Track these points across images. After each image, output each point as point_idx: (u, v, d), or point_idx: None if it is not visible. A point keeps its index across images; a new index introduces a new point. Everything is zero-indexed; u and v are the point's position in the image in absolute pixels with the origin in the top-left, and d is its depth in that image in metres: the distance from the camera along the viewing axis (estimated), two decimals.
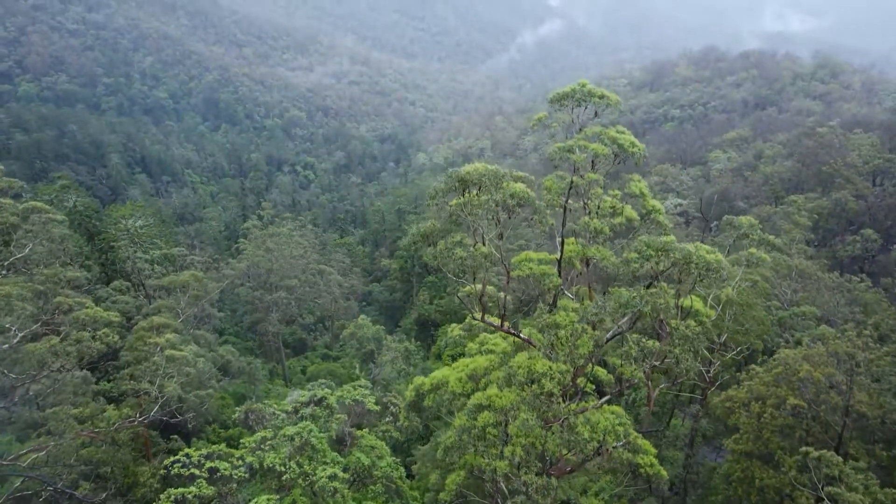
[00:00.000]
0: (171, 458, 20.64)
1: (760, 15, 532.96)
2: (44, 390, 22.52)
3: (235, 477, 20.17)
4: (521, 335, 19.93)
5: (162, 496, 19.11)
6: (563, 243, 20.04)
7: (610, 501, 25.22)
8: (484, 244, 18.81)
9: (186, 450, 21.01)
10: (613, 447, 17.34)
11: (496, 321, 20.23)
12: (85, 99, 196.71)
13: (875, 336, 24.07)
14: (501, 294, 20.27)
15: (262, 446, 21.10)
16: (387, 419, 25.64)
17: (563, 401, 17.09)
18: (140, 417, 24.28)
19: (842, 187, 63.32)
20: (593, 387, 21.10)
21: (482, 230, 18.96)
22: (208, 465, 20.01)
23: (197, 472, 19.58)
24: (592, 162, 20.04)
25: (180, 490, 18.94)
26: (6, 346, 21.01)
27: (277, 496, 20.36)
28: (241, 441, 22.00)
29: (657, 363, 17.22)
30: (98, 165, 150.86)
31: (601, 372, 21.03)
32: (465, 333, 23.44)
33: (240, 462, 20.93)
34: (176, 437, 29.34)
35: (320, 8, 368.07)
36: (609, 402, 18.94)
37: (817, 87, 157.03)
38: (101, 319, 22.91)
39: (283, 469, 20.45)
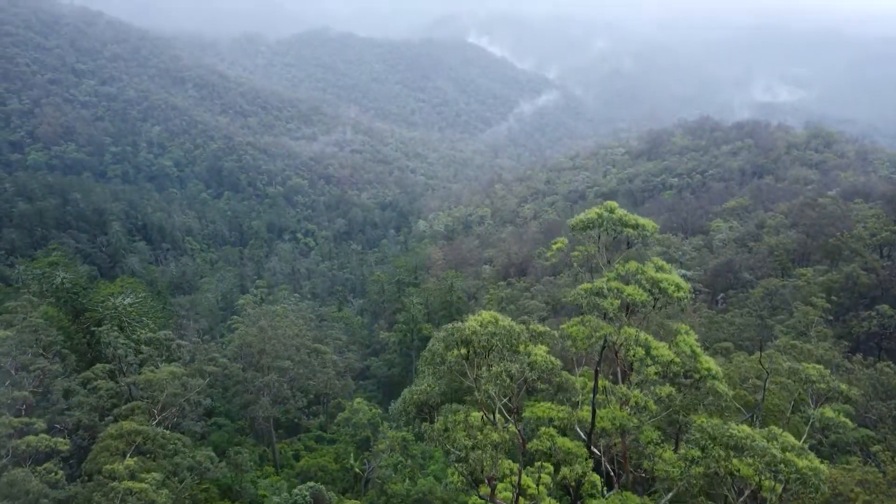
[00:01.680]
0: None
1: (750, 87, 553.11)
2: None
3: None
4: None
5: None
6: (594, 413, 16.67)
7: None
8: (494, 418, 15.80)
9: None
10: None
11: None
12: (92, 167, 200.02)
13: None
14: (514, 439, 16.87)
15: None
16: None
17: None
18: None
19: (850, 260, 62.04)
20: None
21: (491, 401, 16.00)
22: None
23: None
24: (627, 306, 17.05)
25: None
26: None
27: None
28: None
29: None
30: (99, 233, 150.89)
31: None
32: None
33: None
34: None
35: (324, 80, 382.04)
36: None
37: (812, 156, 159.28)
38: (45, 449, 20.56)
39: None
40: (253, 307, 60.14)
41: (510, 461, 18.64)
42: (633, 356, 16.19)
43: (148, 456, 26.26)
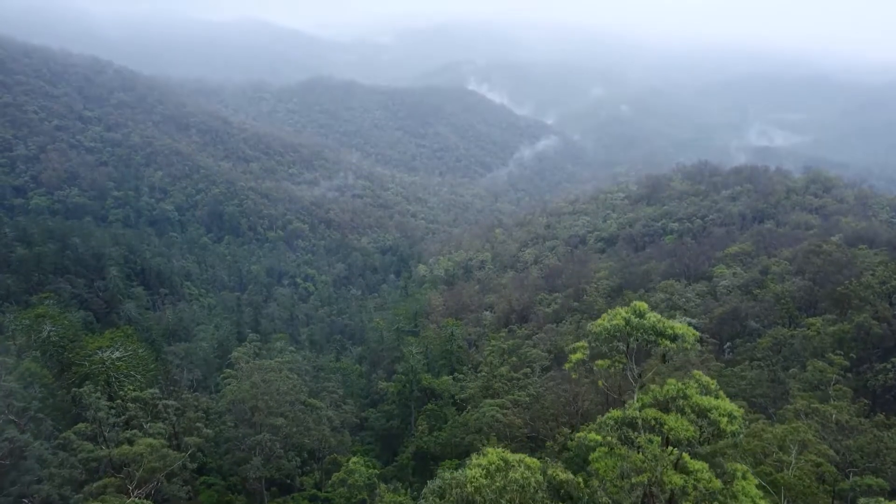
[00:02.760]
0: None
1: (745, 131, 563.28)
2: None
3: None
4: None
5: None
6: None
7: None
8: None
9: None
10: None
11: None
12: (94, 211, 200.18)
13: None
14: None
15: None
16: None
17: None
18: None
19: (860, 309, 60.58)
20: None
21: None
22: None
23: None
24: (667, 438, 14.06)
25: None
26: None
27: None
28: None
29: None
30: (97, 278, 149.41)
31: None
32: None
33: None
34: None
35: (327, 126, 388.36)
36: None
37: (812, 200, 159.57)
38: None
39: None
40: (246, 361, 58.33)
41: None
42: None
43: None
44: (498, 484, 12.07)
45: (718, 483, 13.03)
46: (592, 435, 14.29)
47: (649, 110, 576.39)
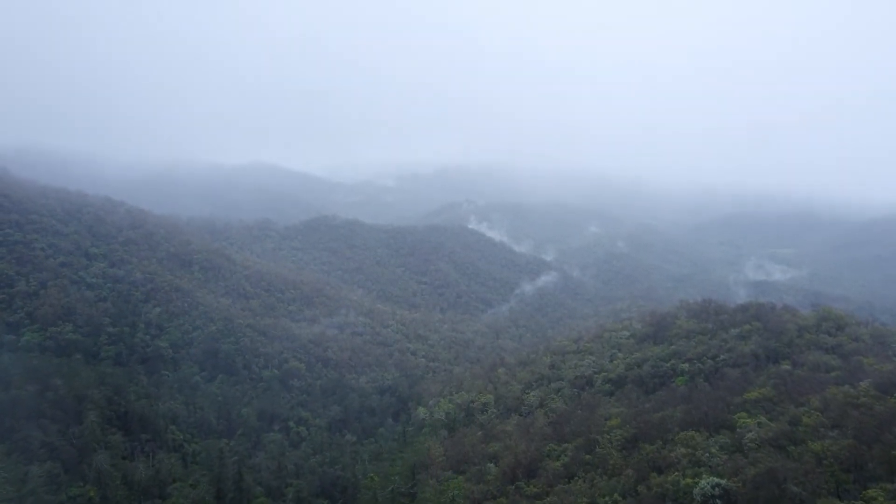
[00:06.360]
0: None
1: (742, 266, 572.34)
2: None
3: None
4: None
5: None
6: None
7: None
8: None
9: None
10: None
11: None
12: (85, 348, 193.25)
13: None
14: None
15: None
16: None
17: None
18: None
19: None
20: None
21: None
22: None
23: None
24: None
25: None
26: None
27: None
28: None
29: None
30: (73, 423, 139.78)
31: None
32: None
33: None
34: None
35: (329, 263, 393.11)
36: None
37: (826, 339, 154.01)
38: None
39: None
40: None
41: None
42: None
43: None
44: None
45: None
46: None
47: (646, 247, 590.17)
